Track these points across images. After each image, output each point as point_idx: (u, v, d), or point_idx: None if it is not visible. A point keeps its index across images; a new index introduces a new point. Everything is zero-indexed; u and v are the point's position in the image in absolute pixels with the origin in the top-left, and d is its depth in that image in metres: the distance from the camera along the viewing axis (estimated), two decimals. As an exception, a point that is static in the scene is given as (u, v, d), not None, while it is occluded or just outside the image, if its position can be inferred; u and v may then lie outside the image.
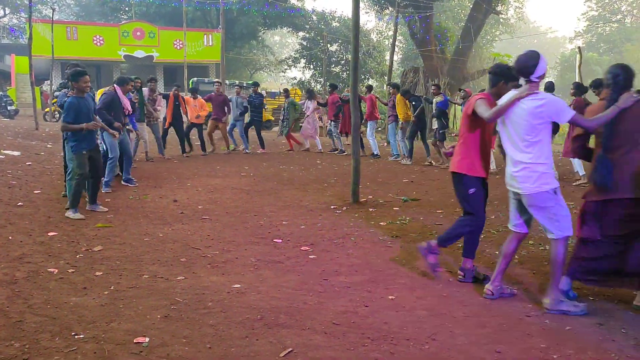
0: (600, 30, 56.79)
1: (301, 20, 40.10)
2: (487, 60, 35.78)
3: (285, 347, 3.42)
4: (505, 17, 43.04)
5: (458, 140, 4.84)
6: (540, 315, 4.00)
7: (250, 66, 44.76)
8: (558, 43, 75.98)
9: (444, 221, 7.06)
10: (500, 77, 4.57)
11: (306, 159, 13.75)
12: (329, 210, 7.73)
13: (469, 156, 4.67)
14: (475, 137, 4.67)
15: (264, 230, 6.58)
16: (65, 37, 29.98)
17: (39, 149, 12.69)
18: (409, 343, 3.52)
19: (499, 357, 3.34)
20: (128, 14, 40.15)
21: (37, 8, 36.35)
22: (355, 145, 8.54)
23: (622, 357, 3.35)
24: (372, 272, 5.03)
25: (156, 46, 32.13)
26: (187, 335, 3.57)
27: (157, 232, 6.37)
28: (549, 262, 4.39)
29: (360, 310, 4.07)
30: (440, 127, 12.60)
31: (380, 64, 38.49)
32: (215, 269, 5.06)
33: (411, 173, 11.54)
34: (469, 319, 3.93)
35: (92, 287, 4.46)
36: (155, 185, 9.49)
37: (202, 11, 37.76)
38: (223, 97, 14.24)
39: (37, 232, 6.07)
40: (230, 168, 11.83)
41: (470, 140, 4.69)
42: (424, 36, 26.06)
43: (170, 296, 4.28)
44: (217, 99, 14.12)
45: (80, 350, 3.31)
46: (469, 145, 4.69)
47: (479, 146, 4.68)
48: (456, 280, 4.83)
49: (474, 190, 4.67)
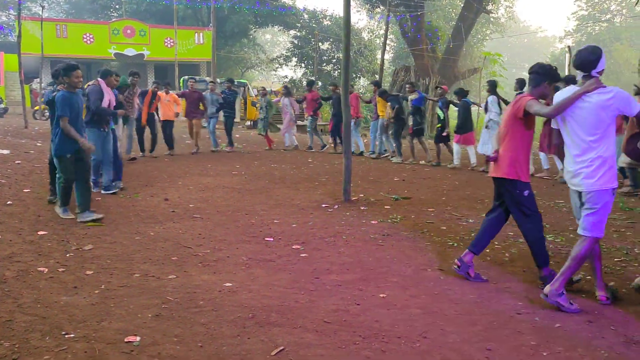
0: (589, 29, 57.09)
1: (292, 18, 40.06)
2: (477, 59, 35.86)
3: (277, 345, 3.42)
4: (496, 17, 43.18)
5: (501, 143, 4.66)
6: (530, 313, 4.03)
7: (242, 64, 44.67)
8: (548, 42, 76.35)
9: (435, 219, 7.08)
10: (545, 77, 4.47)
11: (297, 158, 13.74)
12: (321, 209, 7.74)
13: (517, 160, 4.54)
14: (524, 140, 4.56)
15: (256, 228, 6.57)
16: (55, 35, 29.81)
17: (29, 148, 12.60)
18: (401, 341, 3.53)
19: (489, 355, 3.36)
20: (118, 12, 39.94)
21: (26, 5, 36.12)
22: (346, 144, 8.54)
23: (612, 354, 3.37)
24: (364, 270, 5.03)
25: (147, 44, 32.00)
26: (179, 334, 3.56)
27: (148, 230, 6.35)
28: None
29: (352, 309, 4.08)
30: (415, 124, 12.85)
31: (372, 62, 38.53)
32: (206, 267, 5.04)
33: (402, 171, 11.57)
34: (460, 317, 3.95)
35: (82, 286, 4.44)
36: (146, 183, 9.45)
37: (193, 9, 37.65)
38: (198, 94, 13.92)
39: (26, 231, 6.03)
40: (222, 167, 11.80)
41: (519, 143, 4.55)
42: (415, 35, 26.09)
43: (161, 295, 4.27)
44: (191, 96, 13.81)
45: (70, 349, 3.29)
46: (517, 148, 4.56)
47: (528, 149, 4.61)
48: (446, 278, 4.84)
49: (529, 192, 4.58)
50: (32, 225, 6.31)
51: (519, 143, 4.56)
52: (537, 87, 4.50)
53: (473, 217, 7.18)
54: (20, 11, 19.39)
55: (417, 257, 5.45)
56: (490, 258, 5.43)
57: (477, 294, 4.43)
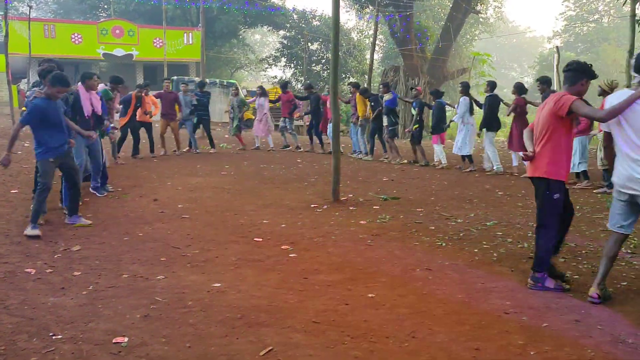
0: (577, 30, 57.43)
1: (282, 18, 39.98)
2: (466, 59, 35.97)
3: (266, 345, 3.42)
4: (485, 17, 43.28)
5: (539, 142, 4.58)
6: (518, 313, 4.05)
7: (231, 65, 44.50)
8: (536, 42, 76.66)
9: (423, 219, 7.10)
10: (583, 74, 4.43)
11: (286, 158, 13.74)
12: (310, 209, 7.74)
13: (556, 160, 4.49)
14: (566, 139, 4.50)
15: (245, 229, 6.57)
16: (43, 35, 29.54)
17: (17, 148, 12.47)
18: (389, 341, 3.54)
19: (477, 354, 3.38)
20: (107, 12, 39.69)
21: (13, 5, 35.81)
22: (335, 144, 8.56)
23: (599, 353, 3.40)
24: (352, 270, 5.04)
25: (136, 44, 31.81)
26: (167, 335, 3.55)
27: (137, 231, 6.33)
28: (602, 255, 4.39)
29: (340, 309, 4.08)
30: (389, 124, 13.04)
31: (361, 62, 38.55)
32: (195, 268, 5.03)
33: (391, 172, 11.59)
34: (448, 317, 3.97)
35: (70, 287, 4.42)
36: (135, 184, 9.41)
37: (182, 9, 37.48)
38: (174, 95, 13.72)
39: (14, 232, 6.00)
40: (211, 167, 11.77)
41: (559, 142, 4.48)
42: (404, 35, 26.14)
43: (150, 295, 4.26)
44: (167, 97, 13.58)
45: (58, 351, 3.28)
46: (556, 148, 4.48)
47: (568, 148, 4.56)
48: (434, 278, 4.85)
49: (559, 196, 4.53)
50: (20, 226, 6.27)
51: (559, 142, 4.50)
52: (574, 84, 4.46)
53: (461, 217, 7.21)
54: (7, 11, 19.21)
55: (405, 257, 5.46)
56: (479, 258, 5.45)
57: (465, 293, 4.46)
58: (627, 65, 10.80)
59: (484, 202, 8.31)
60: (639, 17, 11.55)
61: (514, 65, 78.70)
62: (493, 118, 11.38)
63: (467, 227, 6.64)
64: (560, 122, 4.45)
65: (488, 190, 9.31)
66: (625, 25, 15.66)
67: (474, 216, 7.28)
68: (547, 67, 44.37)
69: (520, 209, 7.75)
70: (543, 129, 4.54)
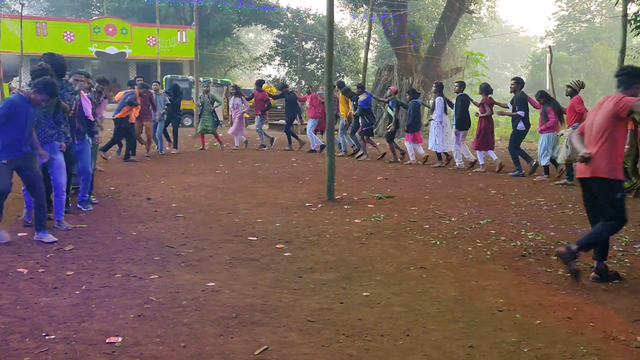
0: (570, 29, 57.68)
1: (276, 17, 39.97)
2: (460, 58, 36.03)
3: (260, 344, 3.41)
4: (478, 17, 43.41)
5: (596, 143, 4.61)
6: (511, 310, 4.06)
7: (225, 63, 44.44)
8: (529, 42, 76.92)
9: (418, 218, 7.11)
10: (637, 77, 4.58)
11: (281, 157, 13.73)
12: (304, 208, 7.74)
13: (614, 160, 4.56)
14: (622, 138, 4.65)
15: (239, 228, 6.56)
16: (35, 33, 29.41)
17: None
18: (384, 339, 3.55)
19: (471, 352, 3.38)
20: (99, 10, 39.55)
21: (5, 3, 35.64)
22: (329, 143, 8.55)
23: (591, 349, 3.42)
24: (347, 269, 5.05)
25: (129, 42, 31.71)
26: (161, 334, 3.54)
27: (131, 230, 6.31)
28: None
29: (335, 307, 4.08)
30: (363, 125, 13.32)
31: (355, 61, 38.61)
32: (189, 267, 5.02)
33: (385, 170, 11.61)
34: (442, 315, 3.98)
35: (63, 286, 4.40)
36: (129, 183, 9.38)
37: (176, 7, 37.38)
38: (149, 94, 13.36)
39: (6, 232, 5.95)
40: (205, 166, 11.75)
41: (617, 141, 4.58)
42: (398, 34, 26.14)
43: (143, 295, 4.24)
44: (142, 97, 13.02)
45: (51, 351, 3.26)
46: (613, 147, 4.56)
47: (623, 147, 4.69)
48: (428, 276, 4.86)
49: (621, 194, 4.60)
50: (12, 225, 6.23)
51: (619, 142, 4.62)
52: (629, 87, 4.61)
53: (455, 216, 7.22)
54: (-1, 9, 19.09)
55: (400, 256, 5.47)
56: (472, 256, 5.47)
57: (458, 291, 4.47)
58: (619, 64, 10.87)
59: (477, 200, 8.33)
60: (631, 17, 11.61)
61: (507, 64, 78.98)
62: (465, 117, 11.88)
63: (461, 226, 6.65)
64: (619, 123, 4.59)
65: (481, 189, 9.34)
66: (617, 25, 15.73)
67: (467, 215, 7.30)
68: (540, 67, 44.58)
69: (513, 208, 7.78)
70: (601, 130, 4.62)
